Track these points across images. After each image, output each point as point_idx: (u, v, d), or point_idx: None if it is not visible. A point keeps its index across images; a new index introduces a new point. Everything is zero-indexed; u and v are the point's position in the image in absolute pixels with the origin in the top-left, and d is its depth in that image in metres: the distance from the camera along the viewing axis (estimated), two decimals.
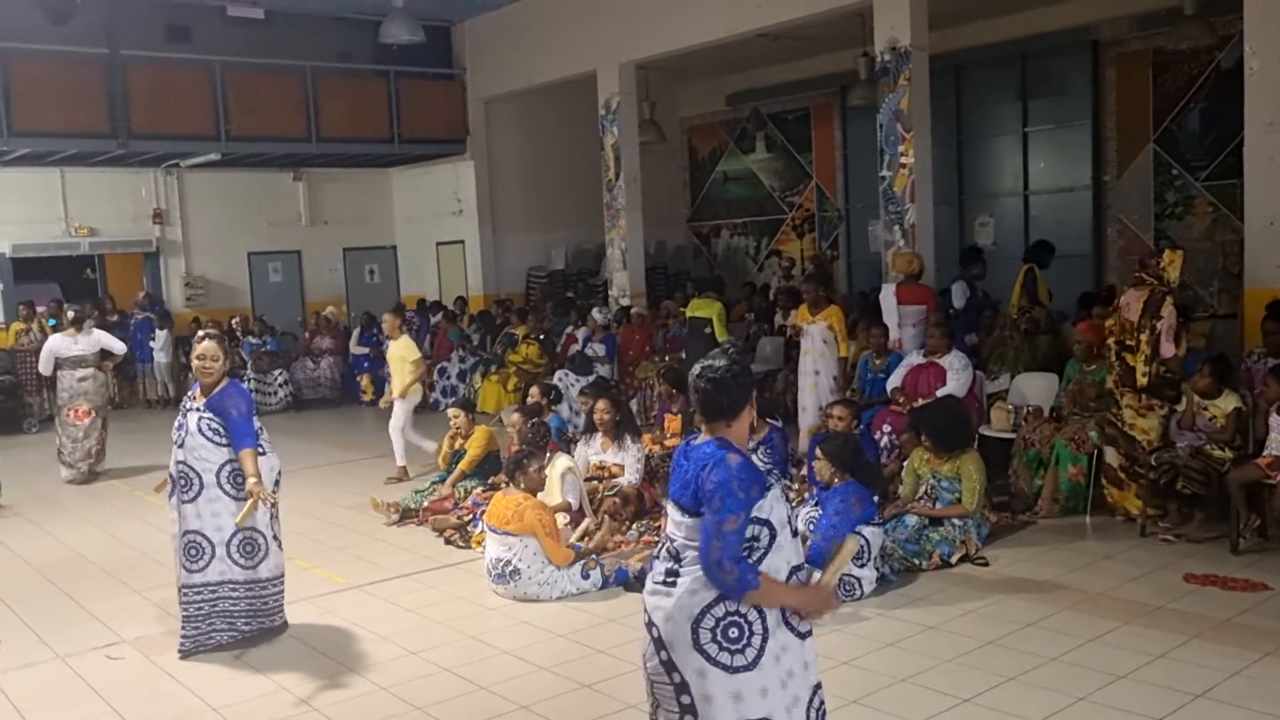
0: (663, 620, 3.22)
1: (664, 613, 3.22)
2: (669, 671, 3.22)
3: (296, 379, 15.13)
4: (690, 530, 3.20)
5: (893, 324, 9.76)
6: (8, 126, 13.45)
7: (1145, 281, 7.28)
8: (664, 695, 3.27)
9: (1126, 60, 13.37)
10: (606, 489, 7.73)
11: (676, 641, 3.20)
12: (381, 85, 16.21)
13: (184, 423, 5.70)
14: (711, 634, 3.16)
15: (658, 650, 3.24)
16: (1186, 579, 6.18)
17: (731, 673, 3.15)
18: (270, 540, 5.76)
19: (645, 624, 3.30)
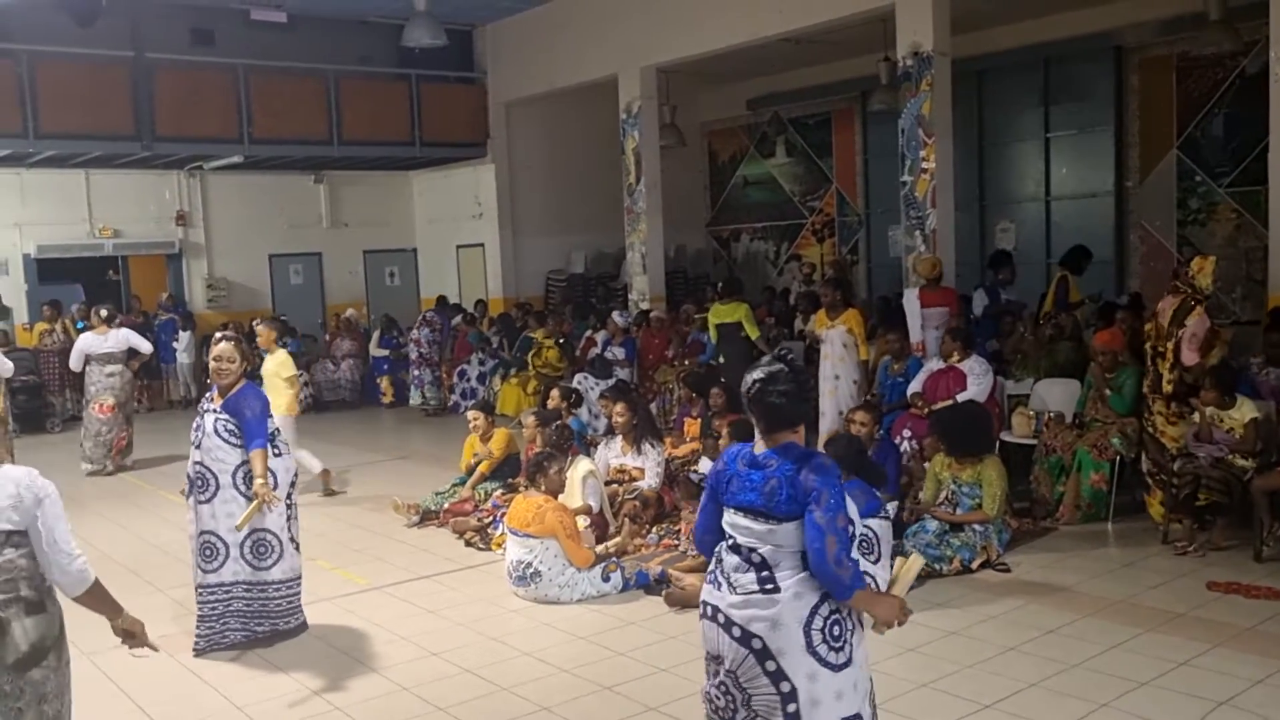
0: (768, 629, 3.19)
1: (768, 622, 3.18)
2: (776, 682, 3.19)
3: (317, 381, 15.19)
4: (782, 535, 3.18)
5: (915, 327, 9.75)
6: (34, 129, 13.56)
7: (1179, 289, 7.25)
8: (765, 706, 3.22)
9: (1150, 65, 13.31)
10: (627, 492, 7.74)
11: (787, 648, 3.18)
12: (403, 88, 16.28)
13: (201, 424, 5.77)
14: (821, 635, 3.19)
15: (761, 662, 3.20)
16: (1209, 586, 6.14)
17: (836, 671, 3.20)
18: (285, 543, 5.80)
19: (734, 640, 3.23)
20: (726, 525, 3.32)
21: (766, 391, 3.26)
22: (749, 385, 3.31)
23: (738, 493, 3.27)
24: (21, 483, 3.29)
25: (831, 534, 3.10)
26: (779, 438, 3.28)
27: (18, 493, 3.25)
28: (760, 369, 3.33)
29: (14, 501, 3.25)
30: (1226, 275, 12.51)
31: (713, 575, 3.35)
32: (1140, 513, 7.78)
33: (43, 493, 3.31)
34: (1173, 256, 13.11)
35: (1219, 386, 7.05)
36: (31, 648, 3.25)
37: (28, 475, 3.34)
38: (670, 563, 6.73)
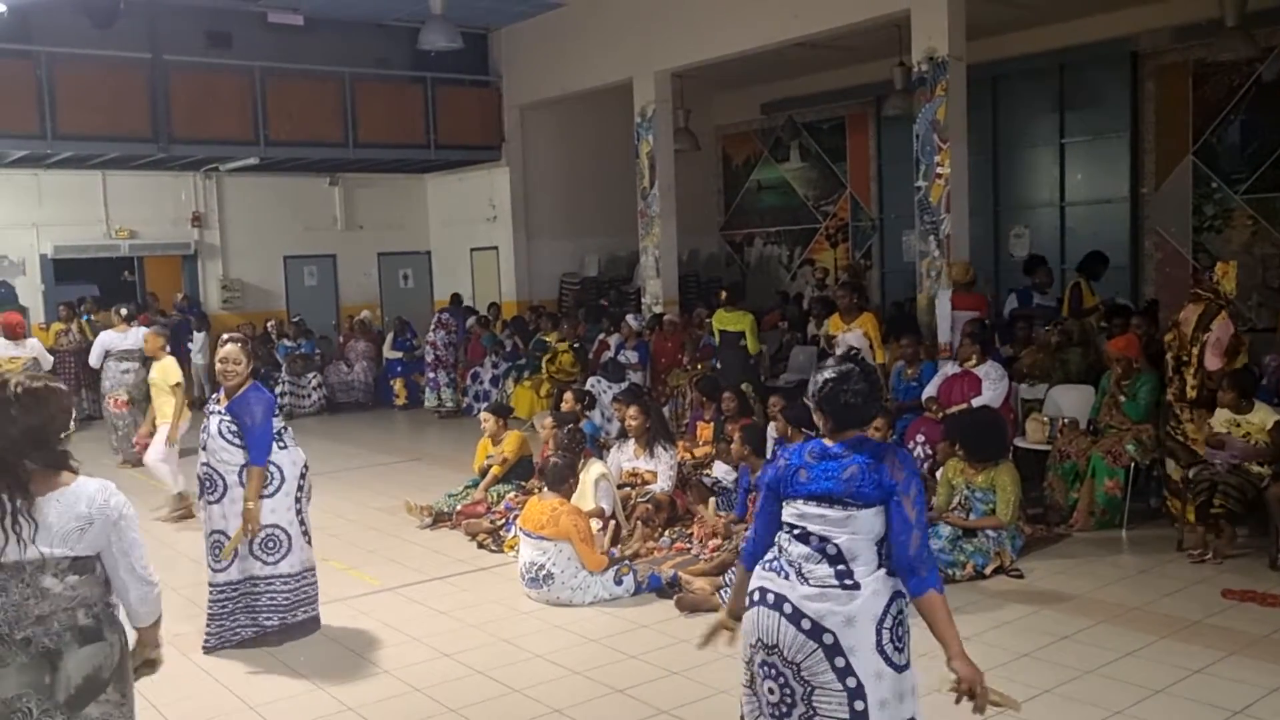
0: (842, 625, 3.14)
1: (843, 617, 3.14)
2: (843, 678, 3.14)
3: (330, 382, 15.24)
4: (860, 522, 3.16)
5: (945, 329, 9.82)
6: (52, 130, 13.64)
7: (1202, 296, 7.23)
8: (829, 702, 3.17)
9: (1166, 72, 13.28)
10: (639, 495, 7.74)
11: (859, 646, 3.14)
12: (418, 91, 16.33)
13: (207, 425, 5.81)
14: (890, 634, 3.17)
15: (831, 657, 3.14)
16: (1224, 594, 6.11)
17: (899, 671, 3.18)
18: (295, 536, 5.82)
19: (802, 632, 3.16)
20: (792, 517, 3.28)
21: (840, 391, 3.25)
22: (819, 384, 3.30)
23: (809, 483, 3.24)
24: (94, 501, 2.98)
25: (917, 529, 3.13)
26: (848, 435, 3.28)
27: (88, 514, 2.96)
28: (830, 369, 3.32)
29: (82, 524, 2.95)
30: (1242, 282, 12.46)
31: (775, 564, 3.27)
32: (1155, 519, 7.77)
33: (117, 513, 3.01)
34: (1188, 263, 13.08)
35: (1236, 388, 7.03)
36: (86, 680, 2.97)
37: (101, 492, 3.02)
38: (682, 566, 6.73)
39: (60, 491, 2.96)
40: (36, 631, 2.91)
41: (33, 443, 2.95)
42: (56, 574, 2.92)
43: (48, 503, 2.93)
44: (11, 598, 2.89)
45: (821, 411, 3.31)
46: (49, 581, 2.92)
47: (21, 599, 2.90)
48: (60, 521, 2.93)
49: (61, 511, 2.93)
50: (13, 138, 13.57)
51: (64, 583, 2.94)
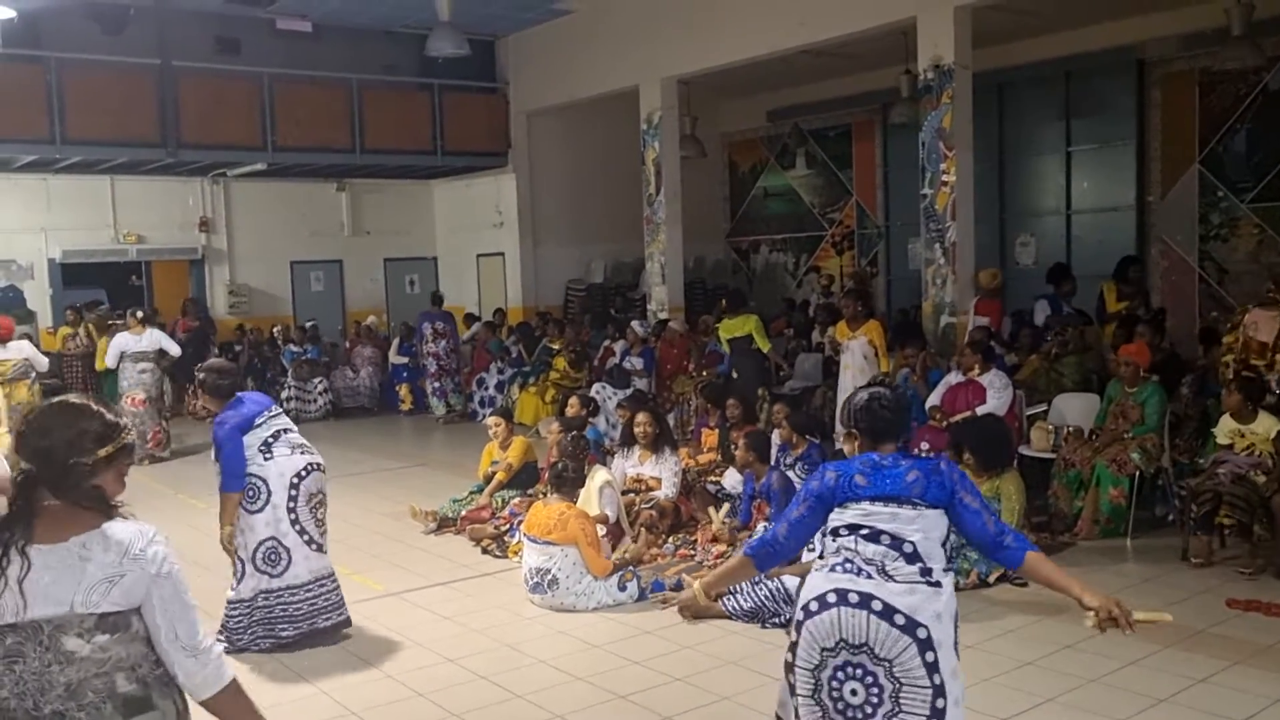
0: (934, 620, 3.17)
1: (934, 612, 3.18)
2: (930, 674, 3.16)
3: (336, 387, 15.28)
4: (930, 522, 3.28)
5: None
6: (61, 135, 13.69)
7: (1278, 302, 7.18)
8: (914, 699, 3.16)
9: (1172, 80, 13.27)
10: (643, 502, 7.75)
11: (945, 641, 3.19)
12: (425, 98, 16.38)
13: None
14: (955, 635, 3.27)
15: (923, 652, 3.15)
16: (1228, 604, 6.11)
17: (957, 676, 3.25)
18: (295, 546, 5.81)
19: (895, 627, 3.16)
20: (856, 518, 3.30)
21: (880, 409, 3.47)
22: (859, 400, 3.54)
23: (872, 486, 3.32)
24: (129, 550, 2.44)
25: (986, 512, 3.34)
26: (886, 448, 3.44)
27: (119, 564, 2.42)
28: (866, 390, 3.59)
29: (110, 576, 2.41)
30: (1249, 291, 12.46)
31: (847, 565, 3.26)
32: (1160, 528, 7.76)
33: (156, 564, 2.47)
34: (1194, 272, 13.06)
35: (1242, 391, 7.03)
36: None
37: (139, 537, 2.48)
38: (686, 572, 6.74)
39: (86, 536, 2.43)
40: (69, 706, 2.38)
41: (46, 474, 2.46)
42: (81, 634, 2.39)
43: (67, 552, 2.40)
44: (30, 665, 2.37)
45: (858, 429, 3.49)
46: (72, 643, 2.38)
47: (42, 666, 2.37)
48: (83, 574, 2.40)
49: (84, 559, 2.41)
50: (22, 142, 13.63)
51: (91, 644, 2.40)
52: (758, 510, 7.30)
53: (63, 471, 2.46)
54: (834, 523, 3.36)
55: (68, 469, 2.46)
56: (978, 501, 3.32)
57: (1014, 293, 14.73)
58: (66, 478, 2.46)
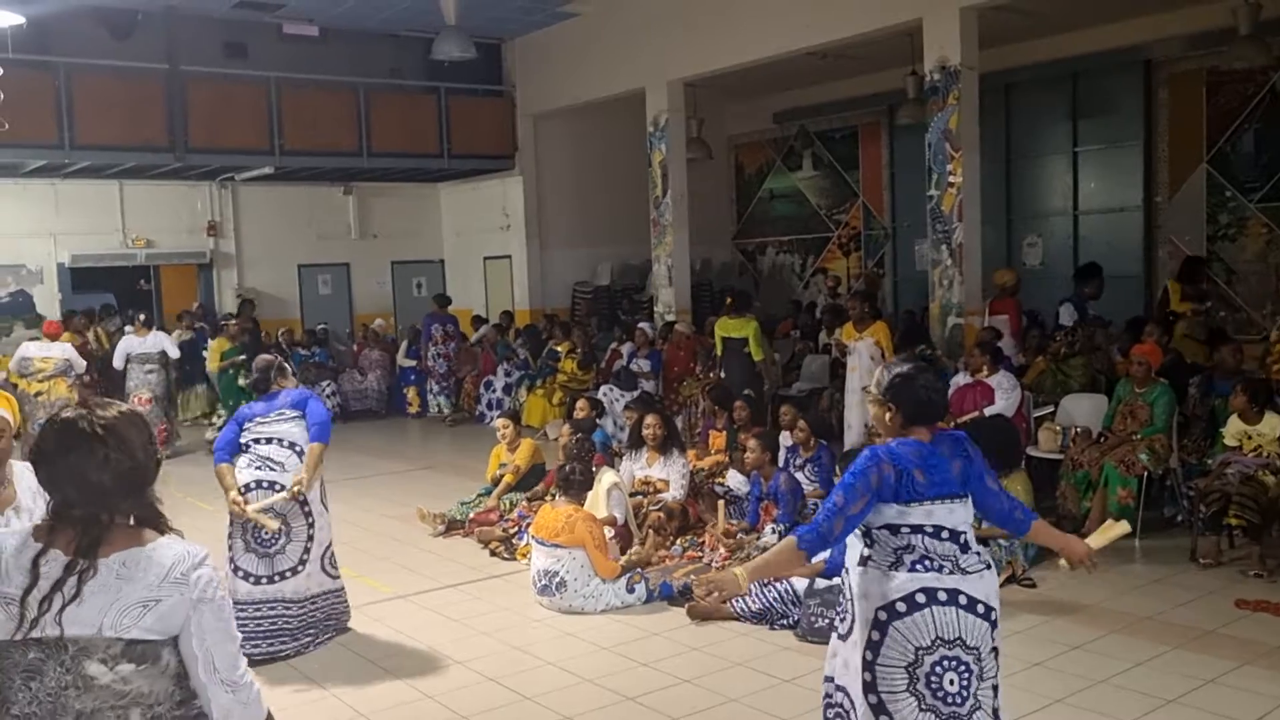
0: (996, 598, 3.45)
1: (995, 590, 3.45)
2: (996, 657, 3.46)
3: (344, 390, 15.31)
4: (970, 507, 3.48)
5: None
6: (70, 139, 13.74)
7: None
8: (988, 686, 3.44)
9: (1179, 80, 13.25)
10: (651, 504, 7.76)
11: (999, 618, 3.48)
12: (432, 101, 16.41)
13: None
14: None
15: (993, 633, 3.43)
16: (1237, 604, 6.10)
17: None
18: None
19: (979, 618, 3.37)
20: (920, 518, 3.37)
21: (917, 386, 3.49)
22: (902, 373, 3.51)
23: (932, 486, 3.38)
24: (170, 572, 2.24)
25: (998, 487, 3.57)
26: (920, 432, 3.47)
27: (157, 588, 2.22)
28: (909, 364, 3.58)
29: (146, 599, 2.21)
30: (1257, 291, 12.45)
31: (928, 564, 3.36)
32: (1168, 529, 7.75)
33: (199, 589, 2.26)
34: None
35: (1247, 392, 7.02)
36: None
37: (183, 560, 2.27)
38: (694, 574, 6.74)
39: (127, 554, 2.24)
40: None
41: (128, 490, 2.28)
42: (105, 659, 2.21)
43: (106, 567, 2.22)
44: (47, 685, 2.20)
45: (896, 405, 3.48)
46: (94, 669, 2.20)
47: (59, 688, 2.20)
48: (117, 592, 2.21)
49: (123, 579, 2.22)
50: (31, 147, 13.67)
51: (114, 672, 2.21)
52: (764, 512, 7.30)
53: (146, 488, 2.32)
54: (894, 520, 3.38)
55: (150, 485, 2.33)
56: (993, 479, 3.53)
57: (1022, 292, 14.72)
58: (146, 495, 2.33)
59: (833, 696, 3.53)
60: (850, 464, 3.46)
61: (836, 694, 3.52)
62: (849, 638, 3.44)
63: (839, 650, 3.51)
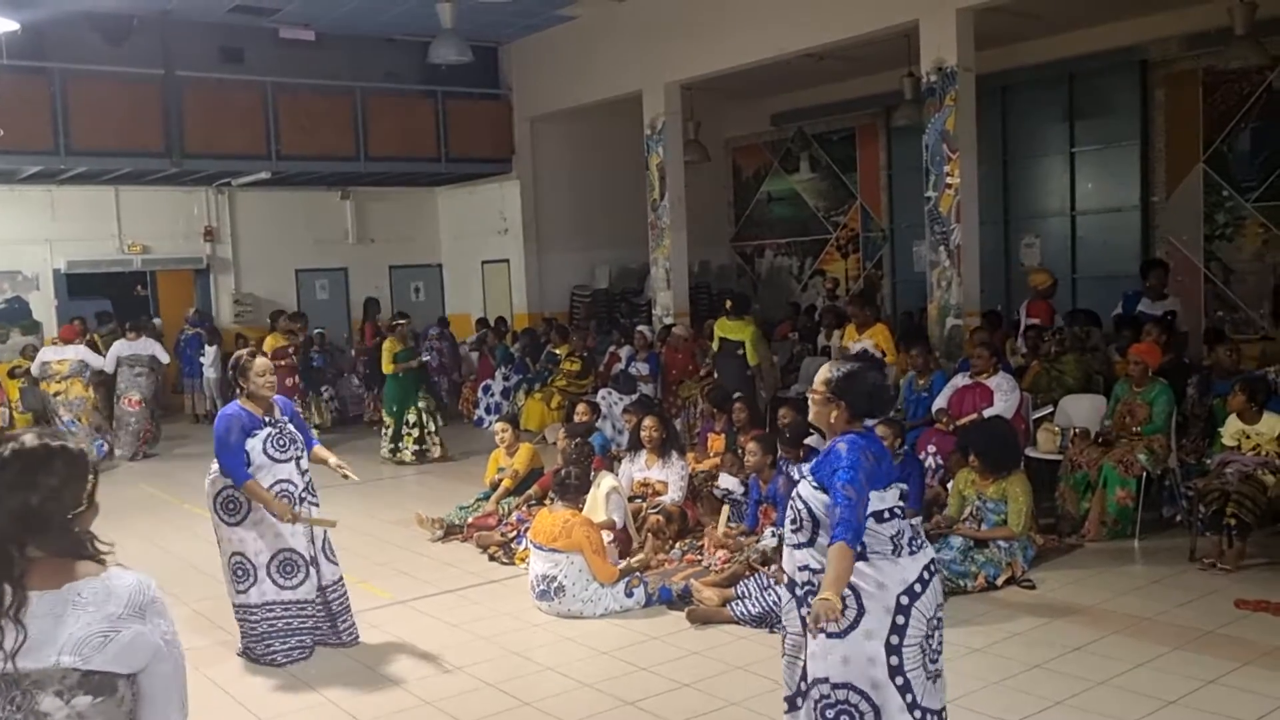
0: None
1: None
2: None
3: (342, 395, 15.29)
4: None
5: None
6: (66, 145, 13.73)
7: None
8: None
9: (1176, 80, 13.25)
10: (650, 507, 7.75)
11: None
12: (429, 105, 16.40)
13: None
14: None
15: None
16: (1237, 604, 6.08)
17: None
18: (310, 561, 5.83)
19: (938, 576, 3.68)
20: (893, 501, 3.62)
21: (869, 384, 3.67)
22: (848, 370, 3.68)
23: (891, 470, 3.67)
24: (131, 602, 2.15)
25: None
26: (859, 426, 3.68)
27: (118, 619, 2.13)
28: (853, 361, 3.76)
29: (107, 630, 2.12)
30: (1254, 290, 12.44)
31: (913, 541, 3.63)
32: (1168, 529, 7.74)
33: (164, 626, 2.20)
34: (1200, 272, 13.04)
35: (1246, 391, 7.02)
36: None
37: (140, 591, 2.18)
38: (694, 578, 6.72)
39: (83, 583, 2.15)
40: None
41: (26, 525, 2.14)
42: (61, 691, 2.09)
43: (57, 599, 2.12)
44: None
45: (846, 401, 3.62)
46: (49, 703, 2.09)
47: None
48: (75, 623, 2.11)
49: (79, 607, 2.12)
50: (27, 153, 13.67)
51: (69, 706, 2.10)
52: (764, 515, 7.29)
53: (52, 524, 2.17)
54: (877, 506, 3.56)
55: (59, 520, 2.18)
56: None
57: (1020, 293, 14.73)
58: (57, 529, 2.18)
59: (831, 697, 3.52)
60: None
61: (837, 693, 3.51)
62: (852, 633, 3.49)
63: (833, 649, 3.51)
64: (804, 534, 3.61)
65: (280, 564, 5.75)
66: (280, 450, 5.73)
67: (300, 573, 5.78)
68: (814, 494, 3.58)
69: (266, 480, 5.65)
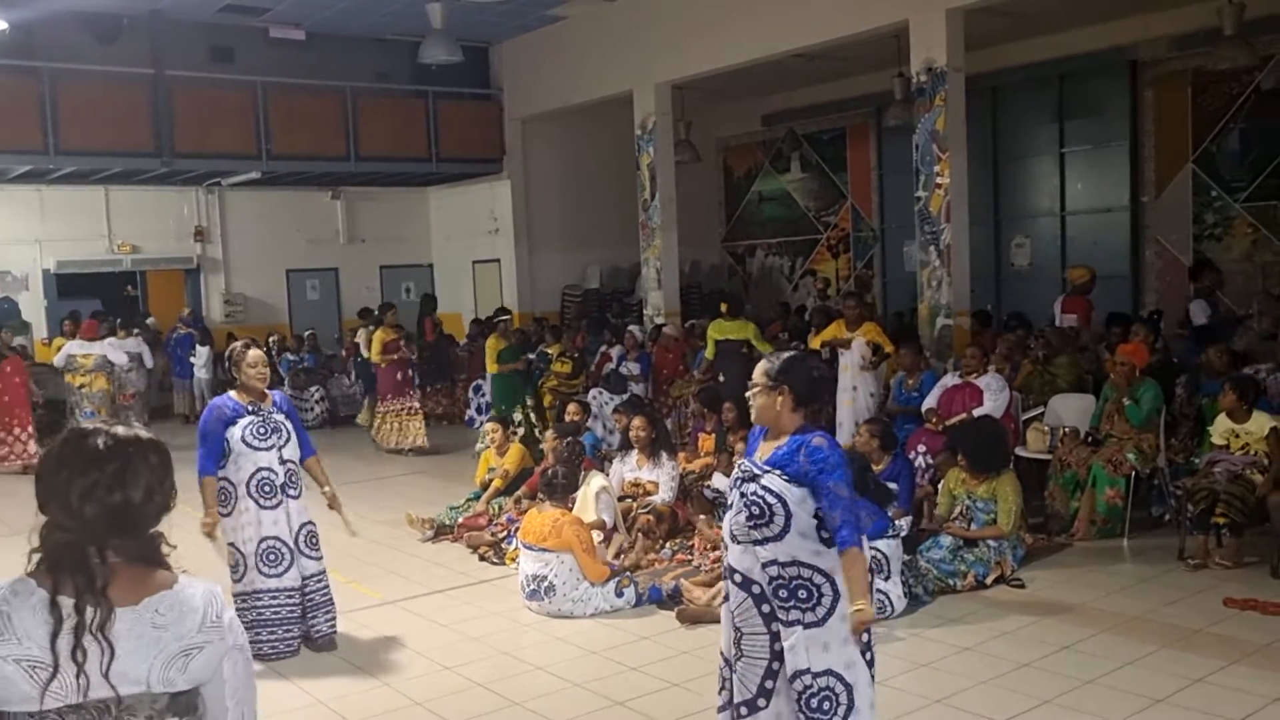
0: None
1: None
2: None
3: (333, 395, 15.27)
4: None
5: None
6: (55, 145, 13.69)
7: None
8: None
9: (1165, 80, 13.30)
10: (640, 507, 7.75)
11: None
12: (420, 105, 16.39)
13: None
14: None
15: None
16: (1226, 603, 6.11)
17: None
18: (292, 549, 5.83)
19: None
20: None
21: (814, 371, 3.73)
22: (793, 359, 3.72)
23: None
24: (206, 615, 2.02)
25: None
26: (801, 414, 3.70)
27: (196, 634, 2.00)
28: (782, 353, 3.78)
29: (188, 648, 1.99)
30: (1243, 289, 12.48)
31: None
32: (1156, 528, 7.76)
33: (235, 633, 2.07)
34: (1188, 272, 13.07)
35: (1236, 390, 7.04)
36: None
37: (212, 603, 2.04)
38: (684, 578, 6.73)
39: (159, 598, 1.99)
40: None
41: (120, 527, 1.98)
42: (152, 715, 1.98)
43: (137, 619, 1.96)
44: None
45: (788, 387, 3.61)
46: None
47: None
48: (158, 645, 1.97)
49: (160, 628, 1.97)
50: (16, 153, 13.64)
51: None
52: None
53: (143, 525, 2.01)
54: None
55: (150, 522, 2.03)
56: None
57: (1009, 293, 14.78)
58: (144, 531, 2.02)
59: (814, 685, 3.51)
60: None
61: (819, 680, 3.52)
62: (830, 619, 3.53)
63: (814, 639, 3.52)
64: (772, 528, 3.54)
65: (264, 553, 5.76)
66: (260, 439, 5.75)
67: (285, 560, 5.79)
68: (787, 487, 3.53)
69: (246, 467, 5.71)
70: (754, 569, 3.60)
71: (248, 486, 5.73)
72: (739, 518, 3.61)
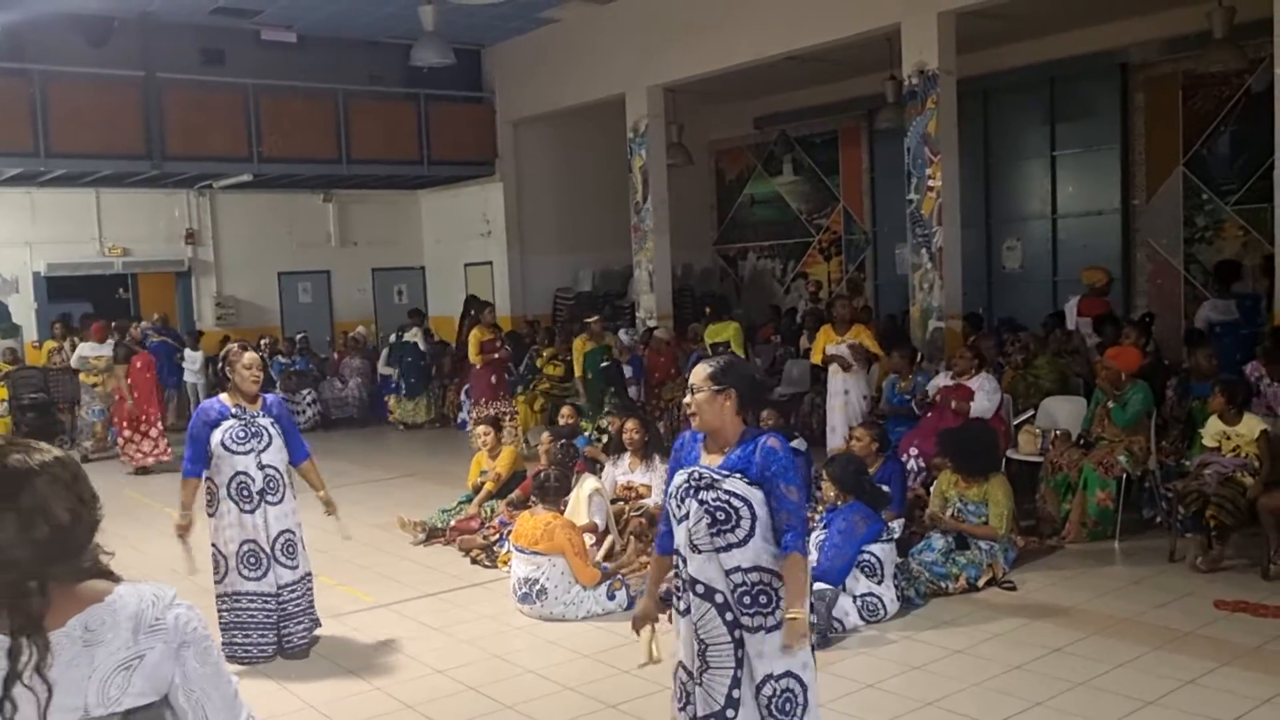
0: None
1: None
2: None
3: (324, 398, 15.24)
4: None
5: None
6: (45, 148, 13.65)
7: None
8: None
9: (1155, 83, 13.34)
10: (633, 509, 7.74)
11: None
12: (411, 108, 16.37)
13: None
14: None
15: None
16: (1216, 605, 6.12)
17: None
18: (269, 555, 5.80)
19: None
20: None
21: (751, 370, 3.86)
22: (733, 359, 3.78)
23: None
24: (142, 620, 1.84)
25: None
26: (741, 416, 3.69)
27: (133, 643, 1.82)
28: (717, 357, 3.77)
29: (127, 660, 1.81)
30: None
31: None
32: (1148, 531, 7.78)
33: (181, 635, 1.87)
34: (1180, 275, 13.11)
35: (1225, 393, 7.06)
36: None
37: (154, 604, 1.86)
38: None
39: (87, 614, 1.82)
40: None
41: (59, 552, 1.82)
42: None
43: (65, 637, 1.79)
44: None
45: (733, 388, 3.58)
46: None
47: None
48: (90, 661, 1.80)
49: (92, 645, 1.80)
50: (6, 155, 13.60)
51: None
52: None
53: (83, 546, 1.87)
54: None
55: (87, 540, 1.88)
56: None
57: (1000, 296, 14.81)
58: (82, 550, 1.87)
59: (776, 688, 3.52)
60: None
61: (780, 683, 3.52)
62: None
63: (774, 641, 3.52)
64: (738, 533, 3.49)
65: (244, 555, 5.75)
66: (238, 443, 5.72)
67: (263, 565, 5.78)
68: (750, 490, 3.49)
69: (226, 470, 5.72)
70: (716, 578, 3.54)
71: (228, 489, 5.73)
72: (699, 526, 3.53)
